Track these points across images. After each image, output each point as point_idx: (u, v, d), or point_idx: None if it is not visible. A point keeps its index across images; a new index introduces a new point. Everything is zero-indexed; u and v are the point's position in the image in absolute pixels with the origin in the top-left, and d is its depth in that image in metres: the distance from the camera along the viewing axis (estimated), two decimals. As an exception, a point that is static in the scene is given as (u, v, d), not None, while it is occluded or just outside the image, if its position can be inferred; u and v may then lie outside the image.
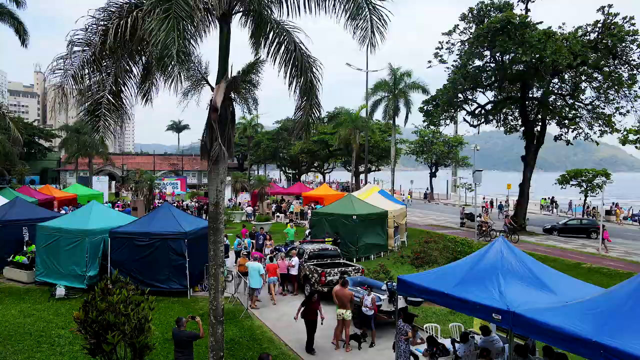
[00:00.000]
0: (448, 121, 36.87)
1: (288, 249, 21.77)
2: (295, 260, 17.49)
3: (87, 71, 8.97)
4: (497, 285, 8.59)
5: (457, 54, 33.11)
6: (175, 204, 41.02)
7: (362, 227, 23.53)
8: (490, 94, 35.44)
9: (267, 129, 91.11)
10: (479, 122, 35.66)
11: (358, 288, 14.22)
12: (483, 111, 35.65)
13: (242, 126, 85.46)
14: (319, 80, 10.79)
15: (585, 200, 46.28)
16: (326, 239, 21.84)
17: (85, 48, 8.82)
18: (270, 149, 77.31)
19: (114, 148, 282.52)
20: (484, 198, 65.74)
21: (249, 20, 9.87)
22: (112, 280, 9.56)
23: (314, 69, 10.70)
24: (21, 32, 26.18)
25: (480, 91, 34.78)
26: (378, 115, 41.35)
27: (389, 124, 41.85)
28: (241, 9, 9.53)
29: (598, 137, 34.25)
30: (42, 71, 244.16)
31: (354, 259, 23.30)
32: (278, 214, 39.61)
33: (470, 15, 33.32)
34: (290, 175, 77.75)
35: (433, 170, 71.03)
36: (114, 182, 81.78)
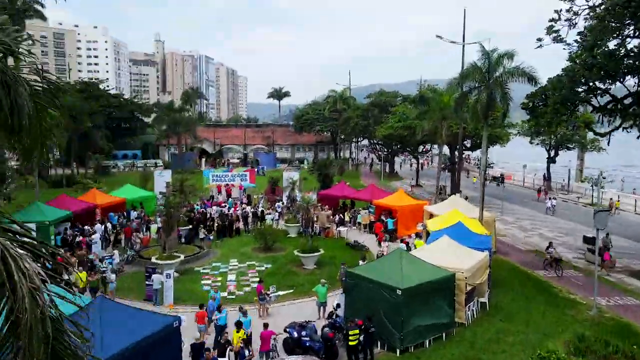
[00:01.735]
0: (564, 118, 26.87)
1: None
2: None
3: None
4: None
5: (578, 33, 23.07)
6: (229, 209, 36.59)
7: (411, 303, 16.40)
8: (631, 82, 24.80)
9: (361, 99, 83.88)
10: (611, 124, 25.39)
11: None
12: (619, 106, 25.19)
13: (332, 99, 79.31)
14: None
15: None
16: (350, 333, 15.20)
17: None
18: (360, 127, 70.20)
19: (227, 111, 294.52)
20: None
21: None
22: None
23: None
24: None
25: (618, 80, 24.30)
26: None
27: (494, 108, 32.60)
28: None
29: None
30: (162, 40, 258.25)
31: (398, 350, 16.41)
32: (340, 228, 33.21)
33: (605, -32, 22.79)
34: (382, 155, 70.11)
35: (552, 155, 58.81)
36: (203, 161, 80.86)
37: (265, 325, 15.95)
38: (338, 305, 17.70)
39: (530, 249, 30.85)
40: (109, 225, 30.32)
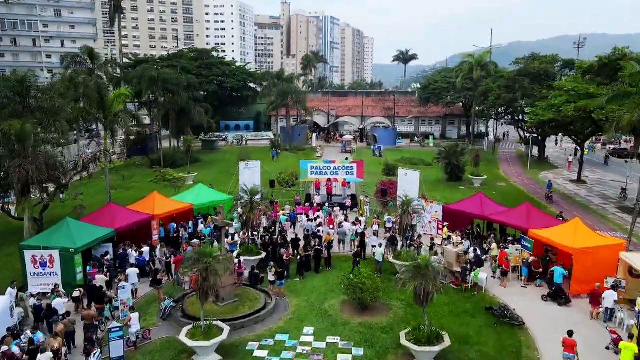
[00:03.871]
0: None
1: None
2: None
3: None
4: None
5: None
6: (320, 224, 27.54)
7: None
8: None
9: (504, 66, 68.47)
10: None
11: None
12: None
13: (467, 66, 65.39)
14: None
15: None
16: None
17: None
18: (502, 101, 55.95)
19: (352, 73, 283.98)
20: None
21: None
22: None
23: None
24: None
25: None
26: None
27: None
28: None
29: None
30: (288, 1, 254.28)
31: None
32: (480, 274, 22.15)
33: None
34: (530, 138, 55.30)
35: None
36: (314, 136, 72.66)
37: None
38: None
39: None
40: (157, 251, 22.91)
